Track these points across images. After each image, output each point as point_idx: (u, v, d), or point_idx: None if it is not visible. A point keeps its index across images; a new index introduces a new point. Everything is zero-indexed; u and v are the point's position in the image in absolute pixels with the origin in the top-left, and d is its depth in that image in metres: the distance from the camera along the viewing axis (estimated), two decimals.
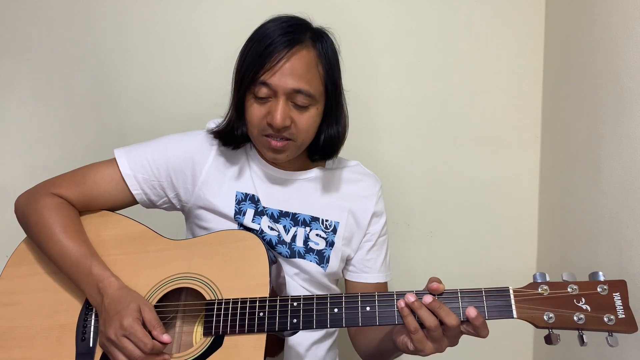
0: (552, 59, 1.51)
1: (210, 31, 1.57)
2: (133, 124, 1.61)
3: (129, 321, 0.96)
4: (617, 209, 1.15)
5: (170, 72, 1.59)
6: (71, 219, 1.11)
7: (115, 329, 0.97)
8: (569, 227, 1.39)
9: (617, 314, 0.89)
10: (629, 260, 1.10)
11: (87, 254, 1.07)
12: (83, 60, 1.59)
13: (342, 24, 1.18)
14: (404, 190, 1.60)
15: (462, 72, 1.56)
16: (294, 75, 1.05)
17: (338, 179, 1.21)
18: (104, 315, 1.01)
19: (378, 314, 0.97)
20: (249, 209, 1.15)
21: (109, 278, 1.04)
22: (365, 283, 1.21)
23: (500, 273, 1.61)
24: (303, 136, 1.10)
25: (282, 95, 1.05)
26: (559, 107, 1.47)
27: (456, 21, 1.55)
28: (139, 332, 0.96)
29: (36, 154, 1.62)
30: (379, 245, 1.23)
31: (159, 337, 0.97)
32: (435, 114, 1.58)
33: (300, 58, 1.06)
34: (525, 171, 1.59)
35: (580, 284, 0.92)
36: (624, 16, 1.12)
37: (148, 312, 0.99)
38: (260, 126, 1.08)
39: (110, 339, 0.98)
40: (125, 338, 0.96)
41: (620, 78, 1.13)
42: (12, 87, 1.61)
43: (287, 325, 0.99)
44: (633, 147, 1.09)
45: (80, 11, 1.57)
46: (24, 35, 1.59)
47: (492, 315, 0.93)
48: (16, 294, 1.11)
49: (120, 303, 0.99)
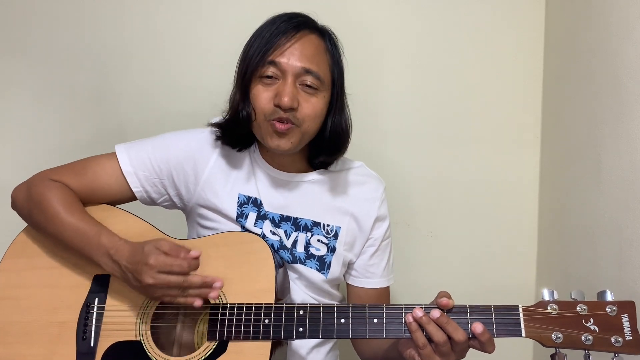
0: (552, 59, 1.51)
1: (210, 31, 1.57)
2: (133, 124, 1.61)
3: (153, 258, 0.95)
4: (617, 209, 1.15)
5: (170, 72, 1.59)
6: (74, 198, 1.10)
7: (147, 274, 0.96)
8: (569, 227, 1.39)
9: (624, 335, 0.90)
10: (629, 261, 1.10)
11: (93, 226, 1.06)
12: (83, 60, 1.59)
13: (345, 25, 1.19)
14: (403, 191, 1.60)
15: (461, 73, 1.56)
16: (303, 55, 1.05)
17: (341, 181, 1.19)
18: (128, 275, 1.00)
19: (385, 326, 0.96)
20: (251, 212, 1.14)
21: (118, 243, 1.03)
22: (367, 288, 1.20)
23: (500, 273, 1.61)
24: (308, 122, 1.07)
25: (290, 75, 1.05)
26: (559, 107, 1.47)
27: (456, 22, 1.55)
28: (169, 260, 0.95)
29: (36, 154, 1.61)
30: (382, 249, 1.21)
31: (188, 256, 0.96)
32: (435, 114, 1.58)
33: (309, 40, 1.07)
34: (525, 171, 1.59)
35: (589, 303, 0.93)
36: (624, 16, 1.12)
37: (164, 244, 0.98)
38: (268, 109, 1.06)
39: (150, 284, 0.96)
40: (162, 273, 0.95)
41: (620, 78, 1.13)
42: (12, 87, 1.60)
43: (293, 333, 0.98)
44: (633, 147, 1.09)
45: (80, 11, 1.57)
46: (24, 35, 1.59)
47: (501, 334, 0.93)
48: (14, 288, 1.09)
49: (136, 254, 0.99)
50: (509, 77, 1.56)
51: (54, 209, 1.07)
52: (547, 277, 1.54)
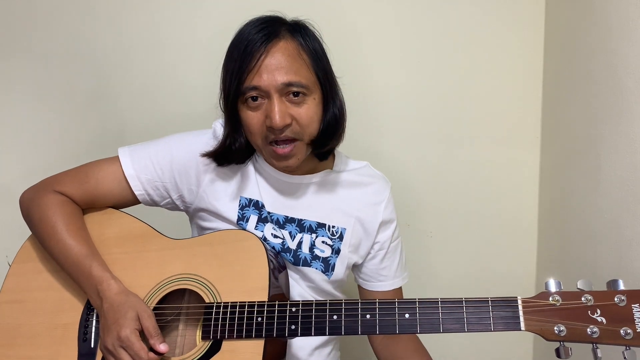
0: (552, 59, 1.51)
1: (210, 31, 1.57)
2: (133, 124, 1.61)
3: (126, 333, 0.96)
4: (616, 209, 1.15)
5: (170, 72, 1.59)
6: (74, 216, 1.11)
7: (112, 340, 0.97)
8: (568, 227, 1.39)
9: (635, 327, 0.82)
10: (628, 260, 1.10)
11: (87, 254, 1.06)
12: (83, 60, 1.59)
13: (345, 25, 1.18)
14: (403, 191, 1.59)
15: (461, 73, 1.56)
16: (279, 69, 1.00)
17: (346, 182, 1.18)
18: (102, 321, 1.01)
19: (378, 322, 0.94)
20: (252, 215, 1.14)
21: (108, 280, 1.03)
22: (381, 291, 1.20)
23: (500, 273, 1.62)
24: (308, 131, 1.05)
25: (274, 93, 1.01)
26: (559, 107, 1.47)
27: (456, 22, 1.54)
28: (136, 345, 0.95)
29: (36, 154, 1.62)
30: (392, 251, 1.20)
31: (155, 346, 0.97)
32: (435, 114, 1.58)
33: (280, 50, 1.02)
34: (525, 171, 1.59)
35: (595, 293, 0.86)
36: (624, 16, 1.12)
37: (146, 319, 0.98)
38: (262, 133, 1.04)
39: (107, 348, 0.98)
40: (122, 349, 0.96)
41: (620, 78, 1.13)
42: (12, 87, 1.60)
43: (286, 331, 0.97)
44: (633, 147, 1.09)
45: (81, 11, 1.57)
46: (24, 35, 1.59)
47: (498, 327, 0.88)
48: (22, 292, 1.11)
49: (119, 311, 0.99)
50: (509, 77, 1.56)
51: (52, 227, 1.08)
52: (547, 277, 1.53)
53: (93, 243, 1.10)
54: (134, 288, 1.05)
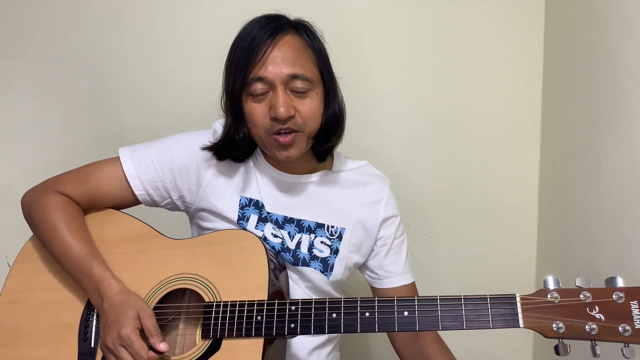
0: (552, 59, 1.51)
1: (211, 31, 1.57)
2: (133, 124, 1.61)
3: (126, 331, 0.96)
4: (616, 209, 1.15)
5: (170, 72, 1.59)
6: (75, 217, 1.11)
7: (113, 338, 0.97)
8: (568, 227, 1.40)
9: (633, 324, 0.83)
10: (628, 261, 1.10)
11: (88, 254, 1.06)
12: (83, 60, 1.59)
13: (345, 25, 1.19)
14: (403, 191, 1.58)
15: (461, 73, 1.56)
16: (285, 61, 1.03)
17: (345, 182, 1.18)
18: (103, 320, 1.01)
19: (377, 320, 0.94)
20: (252, 215, 1.14)
21: (109, 280, 1.04)
22: (392, 288, 1.19)
23: (500, 273, 1.62)
24: (309, 124, 1.06)
25: (279, 85, 1.02)
26: (559, 107, 1.47)
27: (456, 22, 1.55)
28: (136, 344, 0.96)
29: (36, 154, 1.62)
30: (397, 247, 1.20)
31: (155, 345, 0.97)
32: (435, 114, 1.58)
33: (286, 43, 1.04)
34: (525, 171, 1.59)
35: (593, 291, 0.86)
36: (624, 16, 1.12)
37: (147, 318, 0.99)
38: (266, 125, 1.05)
39: (108, 347, 0.98)
40: (123, 348, 0.96)
41: (620, 78, 1.13)
42: (12, 87, 1.60)
43: (285, 330, 0.97)
44: (632, 147, 1.09)
45: (80, 11, 1.57)
46: (24, 35, 1.59)
47: (497, 324, 0.89)
48: (23, 292, 1.12)
49: (120, 310, 0.99)
50: (509, 77, 1.56)
51: (53, 228, 1.08)
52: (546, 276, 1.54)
53: (94, 243, 1.10)
54: (135, 288, 1.05)
